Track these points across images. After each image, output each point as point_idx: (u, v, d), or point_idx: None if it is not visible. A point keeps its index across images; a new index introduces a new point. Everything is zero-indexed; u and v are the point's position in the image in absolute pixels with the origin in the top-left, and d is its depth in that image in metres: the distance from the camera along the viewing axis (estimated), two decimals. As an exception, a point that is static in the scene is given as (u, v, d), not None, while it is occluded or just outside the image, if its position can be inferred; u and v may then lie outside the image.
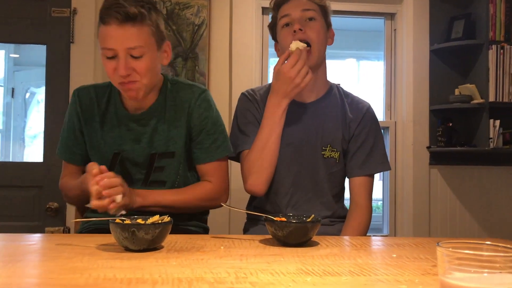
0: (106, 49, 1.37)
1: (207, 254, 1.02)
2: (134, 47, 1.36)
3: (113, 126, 1.51)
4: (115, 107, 1.52)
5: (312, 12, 1.58)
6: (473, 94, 2.83)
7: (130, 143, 1.51)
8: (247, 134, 1.62)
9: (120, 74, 1.36)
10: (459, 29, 2.90)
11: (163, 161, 1.52)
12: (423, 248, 1.14)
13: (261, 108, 1.64)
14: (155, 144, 1.51)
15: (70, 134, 1.55)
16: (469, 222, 2.97)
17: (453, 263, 0.59)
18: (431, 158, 2.96)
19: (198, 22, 2.79)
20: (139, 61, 1.38)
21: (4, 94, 4.74)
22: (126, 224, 1.04)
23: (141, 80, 1.40)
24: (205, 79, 2.79)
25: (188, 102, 1.52)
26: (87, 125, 1.53)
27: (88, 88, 1.56)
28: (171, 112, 1.52)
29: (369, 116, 1.66)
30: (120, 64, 1.36)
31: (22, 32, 2.75)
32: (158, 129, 1.51)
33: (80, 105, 1.53)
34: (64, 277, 0.80)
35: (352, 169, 1.63)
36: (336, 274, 0.86)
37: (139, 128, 1.51)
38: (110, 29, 1.35)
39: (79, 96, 1.54)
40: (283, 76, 1.48)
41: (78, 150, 1.56)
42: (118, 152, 1.51)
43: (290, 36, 1.56)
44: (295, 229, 1.12)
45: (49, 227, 2.65)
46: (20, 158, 4.74)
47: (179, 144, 1.52)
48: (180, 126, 1.52)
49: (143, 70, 1.39)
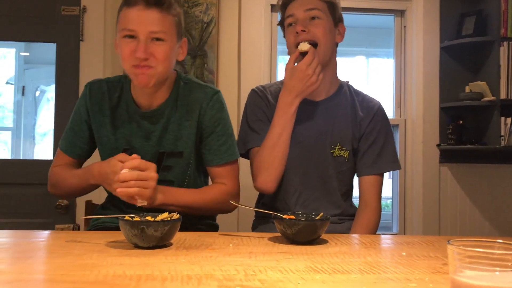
0: (127, 29, 1.37)
1: (216, 251, 1.02)
2: (157, 31, 1.37)
3: (124, 122, 1.51)
4: (126, 103, 1.52)
5: (316, 11, 1.56)
6: (484, 91, 2.81)
7: (139, 140, 1.50)
8: (257, 132, 1.61)
9: (138, 56, 1.35)
10: (470, 26, 2.87)
11: (171, 160, 1.51)
12: (433, 247, 1.14)
13: (271, 105, 1.63)
14: (164, 143, 1.50)
15: (75, 126, 1.55)
16: (479, 220, 2.95)
17: (464, 261, 0.58)
18: (441, 156, 2.93)
19: (207, 20, 2.80)
20: (159, 45, 1.38)
21: (14, 92, 4.78)
22: (136, 221, 1.04)
23: (157, 67, 1.39)
24: (214, 76, 2.79)
25: (200, 102, 1.51)
26: (96, 119, 1.52)
27: (101, 82, 1.55)
28: (182, 111, 1.51)
29: (380, 115, 1.65)
30: (140, 46, 1.35)
31: (32, 30, 2.77)
32: (168, 128, 1.50)
33: (90, 99, 1.52)
34: (74, 274, 0.81)
35: (362, 168, 1.62)
36: (345, 272, 0.86)
37: (149, 126, 1.50)
38: (135, 10, 1.35)
39: (90, 89, 1.54)
40: (300, 74, 1.48)
41: (80, 143, 1.55)
42: (127, 148, 1.50)
43: (293, 36, 1.56)
44: (304, 227, 1.12)
45: (59, 224, 2.66)
46: (30, 156, 4.78)
47: (188, 144, 1.51)
48: (190, 126, 1.51)
49: (161, 55, 1.38)
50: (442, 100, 2.94)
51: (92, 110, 1.52)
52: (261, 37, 2.86)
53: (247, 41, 2.84)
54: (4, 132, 5.18)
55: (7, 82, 5.00)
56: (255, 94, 1.68)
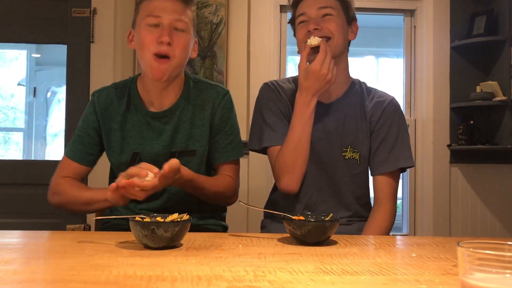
0: (152, 16, 1.41)
1: (225, 252, 1.02)
2: (181, 20, 1.42)
3: (134, 126, 1.51)
4: (136, 106, 1.52)
5: (329, 9, 1.54)
6: (495, 91, 2.78)
7: (150, 141, 1.51)
8: (273, 129, 1.59)
9: (163, 40, 1.38)
10: (480, 25, 2.85)
11: (184, 159, 1.51)
12: (443, 248, 1.13)
13: (283, 100, 1.62)
14: (176, 142, 1.52)
15: (82, 134, 1.53)
16: (490, 221, 2.92)
17: (474, 264, 0.58)
18: (451, 156, 2.92)
19: (216, 21, 2.80)
20: (181, 34, 1.42)
21: (26, 94, 4.84)
22: (146, 222, 1.05)
23: (174, 58, 1.42)
24: (223, 77, 2.80)
25: (212, 102, 1.54)
26: (105, 127, 1.52)
27: (108, 89, 1.55)
28: (194, 110, 1.53)
29: (390, 109, 1.60)
30: (165, 31, 1.39)
31: (43, 32, 2.80)
32: (180, 127, 1.52)
33: (99, 108, 1.52)
34: (86, 274, 0.82)
35: (375, 167, 1.58)
36: (355, 274, 0.86)
37: (161, 126, 1.51)
38: (161, 0, 1.41)
39: (98, 98, 1.53)
40: (314, 74, 1.46)
41: (89, 150, 1.54)
42: (137, 152, 1.51)
43: (304, 33, 1.54)
44: (314, 228, 1.12)
45: (70, 224, 2.69)
46: (41, 157, 4.83)
47: (201, 143, 1.53)
48: (203, 125, 1.53)
49: (182, 45, 1.42)
50: (453, 100, 2.92)
51: (102, 119, 1.52)
52: (270, 37, 2.86)
53: (256, 42, 2.85)
54: (16, 133, 5.24)
55: (18, 84, 5.05)
56: (269, 88, 1.65)
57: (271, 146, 1.59)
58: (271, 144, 1.58)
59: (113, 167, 1.55)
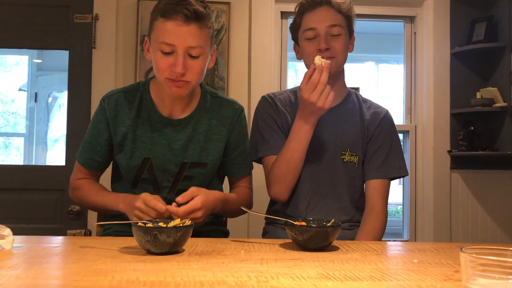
0: (166, 44, 1.36)
1: (227, 257, 1.03)
2: (195, 46, 1.37)
3: (146, 131, 1.50)
4: (148, 111, 1.51)
5: (338, 28, 1.56)
6: (495, 97, 2.79)
7: (161, 148, 1.50)
8: (267, 140, 1.64)
9: (177, 71, 1.36)
10: (480, 32, 2.86)
11: (194, 171, 1.52)
12: (444, 254, 1.13)
13: (280, 112, 1.65)
14: (188, 153, 1.51)
15: (92, 141, 1.53)
16: (491, 227, 2.92)
17: (477, 269, 0.58)
18: (452, 162, 2.92)
19: (217, 27, 2.81)
20: (195, 61, 1.39)
21: (27, 99, 4.84)
22: (148, 227, 1.05)
23: (192, 81, 1.41)
24: (224, 83, 2.81)
25: (230, 118, 1.56)
26: (116, 132, 1.50)
27: (118, 93, 1.53)
28: (211, 124, 1.54)
29: (387, 121, 1.68)
30: (179, 61, 1.35)
31: (45, 37, 2.80)
32: (193, 139, 1.51)
33: (108, 113, 1.50)
34: (89, 279, 0.82)
35: (369, 171, 1.63)
36: (357, 279, 0.86)
37: (173, 134, 1.50)
38: (175, 24, 1.34)
39: (108, 104, 1.51)
40: (305, 102, 1.47)
41: (98, 157, 1.54)
42: (148, 157, 1.50)
43: (315, 51, 1.56)
44: (316, 233, 1.12)
45: (71, 229, 2.69)
46: (42, 162, 4.83)
47: (214, 157, 1.53)
48: (218, 140, 1.54)
49: (197, 70, 1.40)
50: (453, 106, 2.93)
51: (112, 124, 1.50)
52: (271, 44, 2.87)
53: (257, 48, 2.86)
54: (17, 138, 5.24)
55: (20, 89, 5.06)
56: (265, 101, 1.70)
57: (265, 156, 1.64)
58: (265, 154, 1.64)
59: (122, 169, 1.54)
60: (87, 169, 1.56)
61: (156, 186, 1.52)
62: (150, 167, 1.50)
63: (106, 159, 1.56)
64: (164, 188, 1.52)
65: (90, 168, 1.56)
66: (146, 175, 1.51)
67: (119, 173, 1.57)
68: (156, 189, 1.52)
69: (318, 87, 1.45)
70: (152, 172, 1.51)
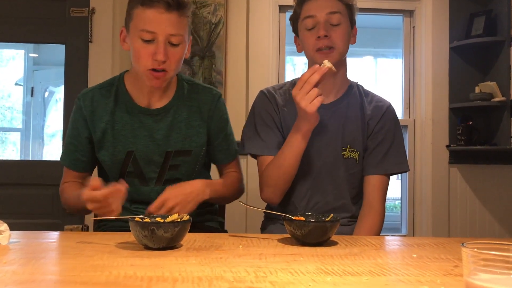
0: (146, 31, 1.35)
1: (226, 252, 1.02)
2: (176, 34, 1.37)
3: (125, 124, 1.49)
4: (125, 104, 1.50)
5: (338, 16, 1.53)
6: (494, 91, 2.79)
7: (144, 139, 1.49)
8: (263, 138, 1.61)
9: (159, 59, 1.35)
10: (479, 26, 2.85)
11: (179, 159, 1.52)
12: (444, 248, 1.13)
13: (280, 108, 1.62)
14: (171, 142, 1.51)
15: (74, 141, 1.52)
16: (489, 222, 2.93)
17: (479, 264, 0.57)
18: (450, 157, 2.92)
19: (215, 21, 2.80)
20: (176, 49, 1.39)
21: (23, 94, 4.82)
22: (146, 222, 1.04)
23: (171, 71, 1.41)
24: (222, 77, 2.80)
25: (208, 104, 1.56)
26: (95, 129, 1.49)
27: (92, 91, 1.52)
28: (191, 111, 1.53)
29: (389, 115, 1.63)
30: (160, 48, 1.35)
31: (41, 32, 2.79)
32: (175, 127, 1.51)
33: (85, 110, 1.49)
34: (85, 275, 0.81)
35: (368, 167, 1.60)
36: (356, 274, 0.85)
37: (154, 124, 1.50)
38: (156, 12, 1.35)
39: (83, 101, 1.50)
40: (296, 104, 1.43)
41: (82, 156, 1.52)
42: (131, 150, 1.49)
43: (314, 40, 1.53)
44: (314, 228, 1.12)
45: (68, 225, 2.68)
46: (39, 157, 4.81)
47: (198, 143, 1.53)
48: (199, 126, 1.53)
49: (177, 59, 1.40)
50: (452, 101, 2.92)
51: (91, 122, 1.49)
52: (269, 37, 2.86)
53: (255, 42, 2.84)
54: (13, 133, 5.22)
55: (16, 83, 5.03)
56: (264, 96, 1.66)
57: (260, 156, 1.62)
58: (260, 154, 1.62)
59: (106, 166, 1.52)
60: (75, 171, 1.54)
61: (142, 178, 1.51)
62: (134, 159, 1.49)
63: (90, 158, 1.53)
64: (151, 179, 1.51)
65: (77, 169, 1.53)
66: (131, 168, 1.49)
67: (104, 172, 1.56)
68: (142, 181, 1.51)
69: (305, 86, 1.40)
70: (137, 165, 1.50)
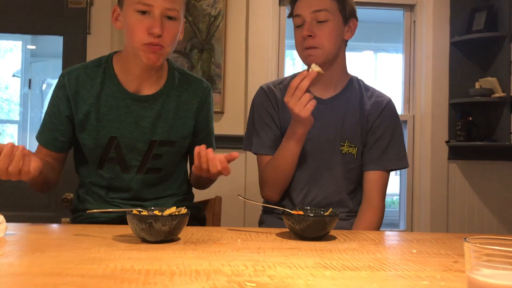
0: (142, 3, 1.33)
1: (224, 246, 1.01)
2: (171, 8, 1.35)
3: (111, 108, 1.44)
4: (113, 88, 1.45)
5: (324, 13, 1.51)
6: (494, 87, 2.78)
7: (129, 126, 1.45)
8: (260, 136, 1.61)
9: (155, 32, 1.32)
10: (480, 21, 2.84)
11: (163, 149, 1.49)
12: (443, 244, 1.12)
13: (279, 105, 1.61)
14: (157, 131, 1.47)
15: (54, 119, 1.45)
16: (488, 218, 2.93)
17: (481, 259, 0.57)
18: (450, 152, 2.91)
19: (214, 13, 2.78)
20: (172, 23, 1.37)
21: (21, 85, 4.80)
22: (144, 215, 1.04)
23: (167, 47, 1.38)
24: (221, 70, 2.78)
25: (199, 96, 1.54)
26: (78, 110, 1.43)
27: (78, 70, 1.46)
28: (179, 101, 1.51)
29: (388, 111, 1.62)
30: (156, 22, 1.33)
31: (39, 23, 2.77)
32: (162, 116, 1.48)
33: (69, 90, 1.43)
34: (83, 267, 0.80)
35: (367, 163, 1.60)
36: (355, 269, 0.85)
37: (141, 111, 1.46)
38: None
39: (68, 80, 1.43)
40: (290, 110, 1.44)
41: (62, 137, 1.46)
42: (115, 136, 1.45)
43: (300, 39, 1.54)
44: (313, 223, 1.11)
45: (65, 217, 2.67)
46: (37, 149, 4.79)
47: (183, 134, 1.51)
48: (187, 117, 1.52)
49: (172, 33, 1.37)
50: (452, 96, 2.91)
51: (74, 102, 1.43)
52: (269, 30, 2.84)
53: (254, 35, 2.83)
54: (10, 125, 5.20)
55: (13, 75, 5.01)
56: (263, 93, 1.65)
57: (259, 154, 1.63)
58: (258, 152, 1.63)
59: (86, 150, 1.46)
60: (50, 151, 1.46)
61: (123, 165, 1.47)
62: (117, 145, 1.45)
63: (70, 138, 1.47)
64: (132, 167, 1.47)
65: (54, 149, 1.46)
66: (113, 154, 1.45)
67: (81, 154, 1.50)
68: (123, 168, 1.47)
69: (296, 93, 1.40)
70: (119, 151, 1.45)
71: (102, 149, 1.45)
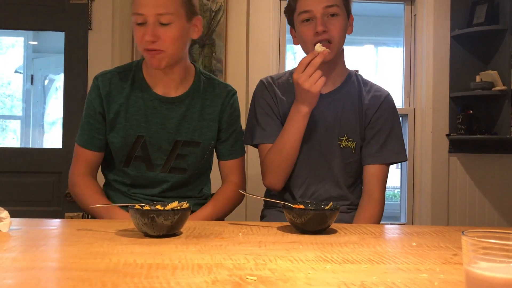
0: (137, 14, 1.40)
1: (225, 240, 1.02)
2: (163, 13, 1.38)
3: (139, 109, 1.51)
4: (141, 89, 1.52)
5: (335, 8, 1.51)
6: (495, 80, 2.78)
7: (155, 126, 1.51)
8: (263, 127, 1.62)
9: (145, 39, 1.38)
10: (481, 14, 2.83)
11: (187, 149, 1.54)
12: (443, 237, 1.13)
13: (278, 98, 1.62)
14: (181, 131, 1.52)
15: (90, 119, 1.52)
16: (488, 211, 2.93)
17: (479, 253, 0.57)
18: (450, 146, 2.91)
19: (215, 8, 2.78)
20: (166, 28, 1.40)
21: (23, 81, 4.81)
22: (146, 210, 1.05)
23: (167, 50, 1.41)
24: (222, 65, 2.78)
25: (223, 99, 1.58)
26: (109, 109, 1.50)
27: (110, 72, 1.54)
28: (204, 104, 1.55)
29: (387, 104, 1.63)
30: (148, 29, 1.39)
31: (40, 19, 2.77)
32: (187, 117, 1.53)
33: (102, 90, 1.51)
34: (85, 262, 0.81)
35: (366, 157, 1.60)
36: (355, 262, 0.86)
37: (167, 112, 1.52)
38: None
39: (102, 81, 1.52)
40: (294, 83, 1.46)
41: (99, 135, 1.53)
42: (142, 135, 1.51)
43: (312, 33, 1.51)
44: (314, 216, 1.12)
45: (68, 212, 2.68)
46: (39, 144, 4.82)
47: (207, 136, 1.55)
48: (211, 120, 1.55)
49: (169, 38, 1.40)
50: (452, 90, 2.91)
51: (106, 102, 1.50)
52: (269, 25, 2.84)
53: (255, 30, 2.82)
54: (13, 121, 5.22)
55: (15, 71, 5.02)
56: (263, 86, 1.66)
57: (261, 144, 1.63)
58: (261, 142, 1.63)
59: (114, 148, 1.53)
60: (89, 150, 1.53)
61: (149, 163, 1.52)
62: (144, 144, 1.51)
63: (105, 137, 1.54)
64: (157, 166, 1.53)
65: (92, 148, 1.53)
66: (139, 152, 1.52)
67: (108, 156, 1.57)
68: (149, 166, 1.53)
69: (308, 69, 1.42)
70: (145, 150, 1.52)
71: (129, 147, 1.51)
